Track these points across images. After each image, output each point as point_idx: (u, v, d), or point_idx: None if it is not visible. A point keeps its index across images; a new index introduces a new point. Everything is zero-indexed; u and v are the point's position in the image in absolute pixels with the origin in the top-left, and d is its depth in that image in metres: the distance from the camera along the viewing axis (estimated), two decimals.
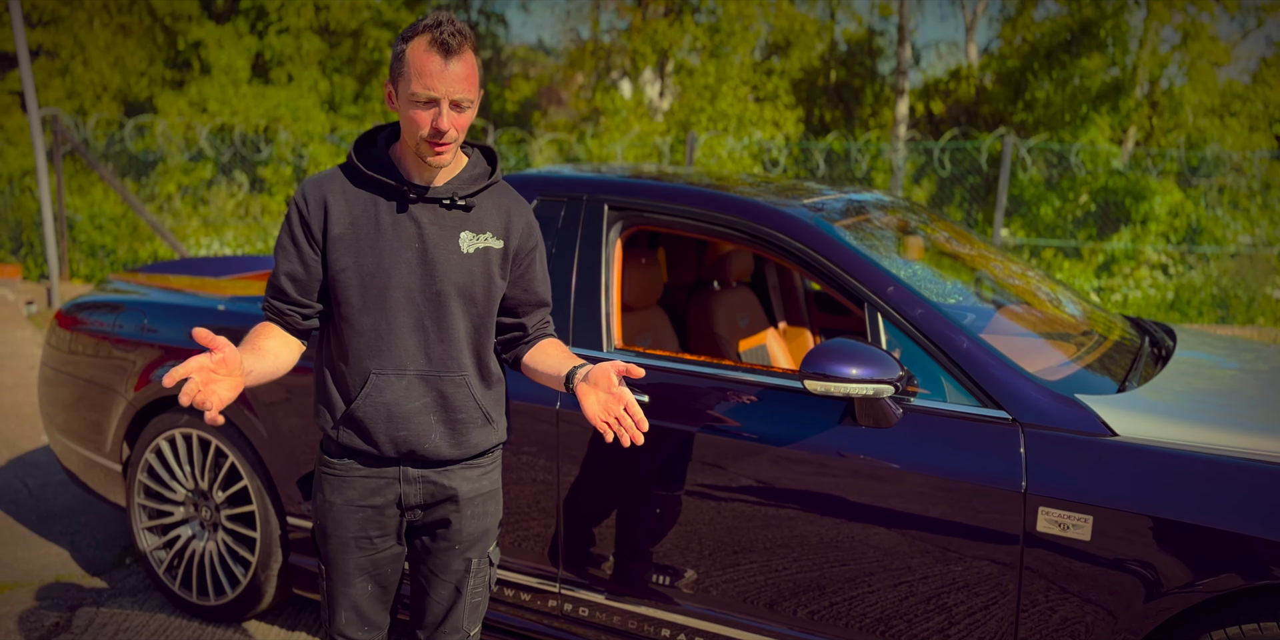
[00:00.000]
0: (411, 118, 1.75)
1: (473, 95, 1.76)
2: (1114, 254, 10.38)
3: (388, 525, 1.95)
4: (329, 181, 1.87)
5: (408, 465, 1.92)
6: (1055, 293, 3.10)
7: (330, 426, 1.91)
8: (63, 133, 9.24)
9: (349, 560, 1.96)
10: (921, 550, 2.20)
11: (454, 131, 1.75)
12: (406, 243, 1.83)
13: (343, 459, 1.92)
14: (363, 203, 1.84)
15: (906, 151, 12.32)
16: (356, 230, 1.83)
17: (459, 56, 1.72)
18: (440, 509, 1.96)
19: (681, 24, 13.94)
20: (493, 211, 1.91)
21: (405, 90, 1.74)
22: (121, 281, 3.74)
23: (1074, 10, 14.04)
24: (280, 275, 1.88)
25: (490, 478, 2.01)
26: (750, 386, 2.42)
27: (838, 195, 2.98)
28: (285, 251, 1.88)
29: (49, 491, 4.29)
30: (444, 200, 1.85)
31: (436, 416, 1.89)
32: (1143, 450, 2.05)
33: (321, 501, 1.95)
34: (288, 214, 1.88)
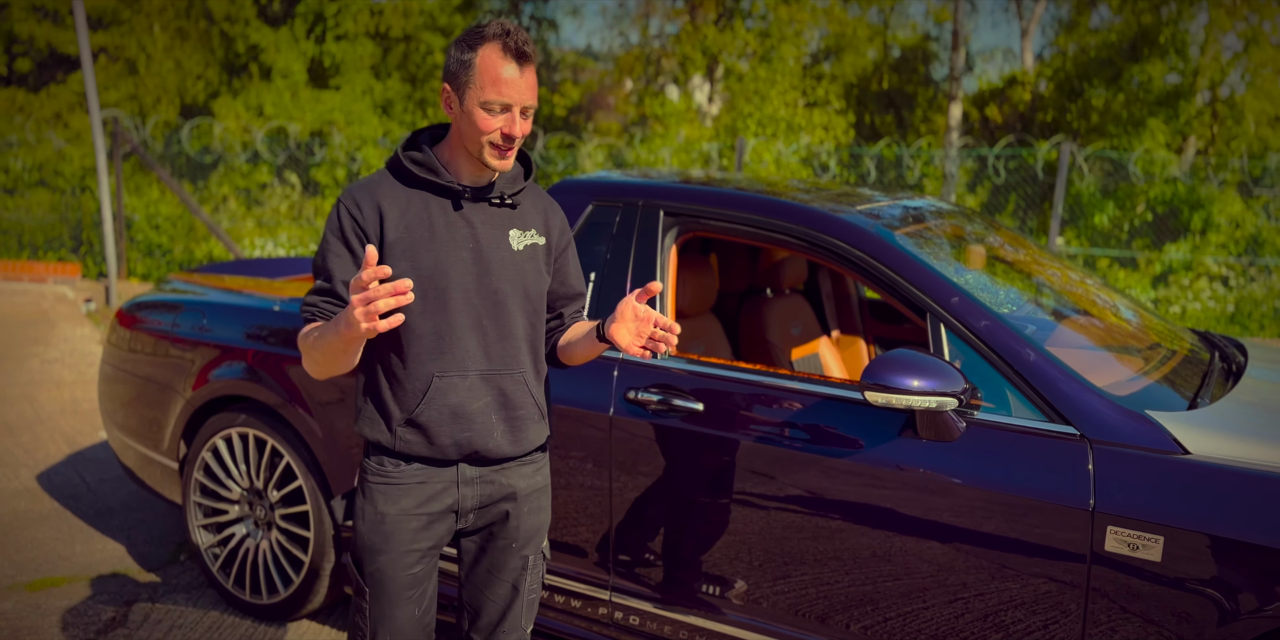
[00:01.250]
0: (479, 123, 1.77)
1: (536, 102, 1.82)
2: (1172, 265, 10.15)
3: (440, 534, 1.93)
4: (378, 186, 1.86)
5: (465, 465, 1.91)
6: (1118, 304, 3.03)
7: (386, 434, 1.89)
8: (123, 134, 9.44)
9: (398, 578, 1.91)
10: (980, 567, 2.15)
11: (520, 137, 1.79)
12: (461, 243, 1.84)
13: (399, 466, 1.90)
14: (415, 206, 1.84)
15: (960, 158, 12.16)
16: (411, 234, 1.83)
17: (531, 65, 1.78)
18: (496, 508, 1.96)
19: (732, 29, 13.90)
20: (532, 209, 1.96)
21: (475, 96, 1.76)
22: (180, 281, 3.80)
23: (1131, 17, 13.78)
24: (335, 282, 1.84)
25: (543, 473, 2.03)
26: (806, 396, 2.39)
27: (892, 202, 2.93)
28: (337, 257, 1.84)
29: (107, 487, 4.37)
30: (493, 199, 1.88)
31: (498, 415, 1.90)
32: (1217, 469, 1.99)
33: (372, 514, 1.90)
34: (336, 219, 1.85)
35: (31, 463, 4.63)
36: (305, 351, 1.83)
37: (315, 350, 1.78)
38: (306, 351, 1.82)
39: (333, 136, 12.39)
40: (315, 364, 1.82)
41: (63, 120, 14.17)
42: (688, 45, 13.98)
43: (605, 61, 20.22)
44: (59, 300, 8.47)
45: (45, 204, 10.38)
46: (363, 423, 1.93)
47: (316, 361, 1.81)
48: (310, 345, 1.80)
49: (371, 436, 1.91)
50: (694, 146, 12.30)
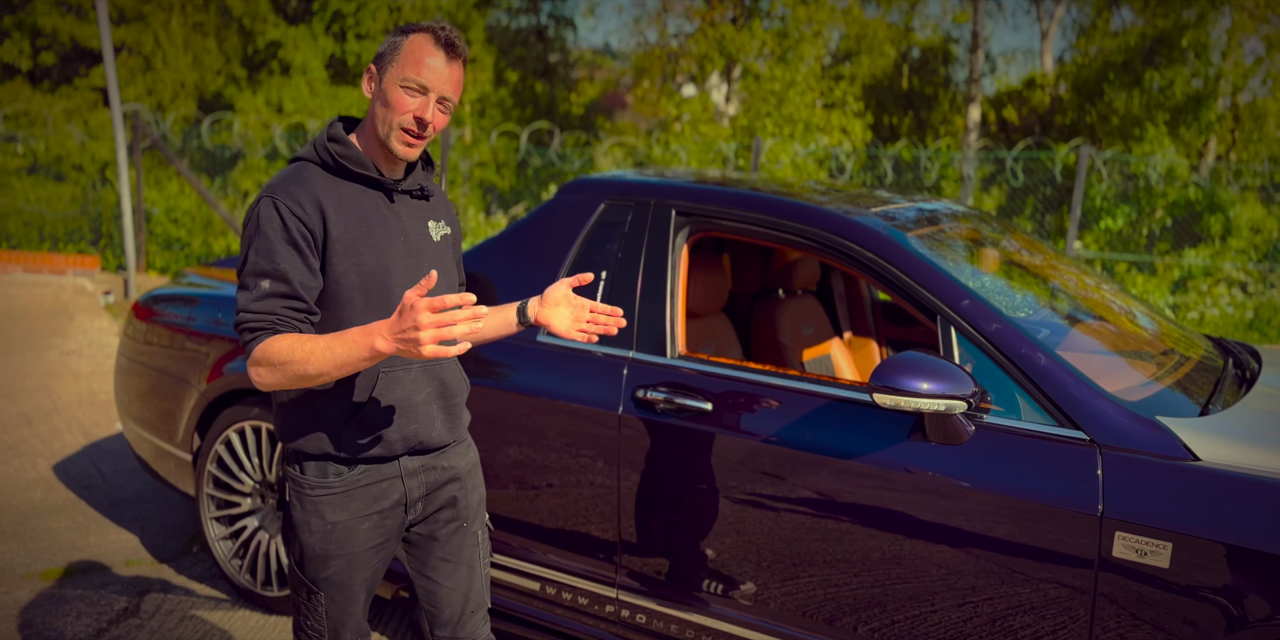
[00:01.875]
0: (394, 101, 1.75)
1: (457, 99, 1.81)
2: (1191, 270, 10.08)
3: (391, 528, 1.91)
4: (309, 182, 1.78)
5: (407, 457, 1.89)
6: (1133, 309, 3.01)
7: (328, 439, 1.81)
8: (143, 128, 9.51)
9: (356, 577, 1.88)
10: (988, 571, 2.15)
11: (432, 128, 1.78)
12: (395, 237, 1.84)
13: (343, 473, 1.83)
14: (348, 201, 1.80)
15: (977, 160, 12.11)
16: (351, 230, 1.78)
17: (458, 60, 1.78)
18: (442, 492, 1.96)
19: (750, 29, 13.88)
20: (439, 201, 1.99)
21: (397, 74, 1.75)
22: (197, 275, 3.83)
23: (1152, 20, 13.69)
24: (294, 284, 1.72)
25: (472, 449, 2.06)
26: (816, 397, 2.39)
27: (908, 204, 2.93)
28: (289, 259, 1.72)
29: (121, 478, 4.41)
30: (413, 191, 1.90)
31: (438, 404, 1.91)
32: (1227, 476, 1.98)
33: (320, 525, 1.83)
34: (278, 219, 1.73)
35: (48, 453, 4.68)
36: (294, 362, 1.65)
37: (315, 363, 1.64)
38: (297, 362, 1.65)
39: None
40: (299, 376, 1.66)
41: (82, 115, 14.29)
42: (705, 45, 13.97)
43: (623, 60, 20.23)
44: (78, 292, 8.54)
45: (66, 197, 10.47)
46: (296, 434, 1.83)
47: (306, 374, 1.65)
48: (307, 357, 1.64)
49: (311, 447, 1.82)
50: (710, 146, 12.29)
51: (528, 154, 11.89)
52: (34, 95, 15.03)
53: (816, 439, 2.34)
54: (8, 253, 9.07)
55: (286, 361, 1.66)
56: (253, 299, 1.73)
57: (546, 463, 2.67)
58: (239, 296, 1.75)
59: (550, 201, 2.89)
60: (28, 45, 15.50)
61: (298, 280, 1.73)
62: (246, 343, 1.73)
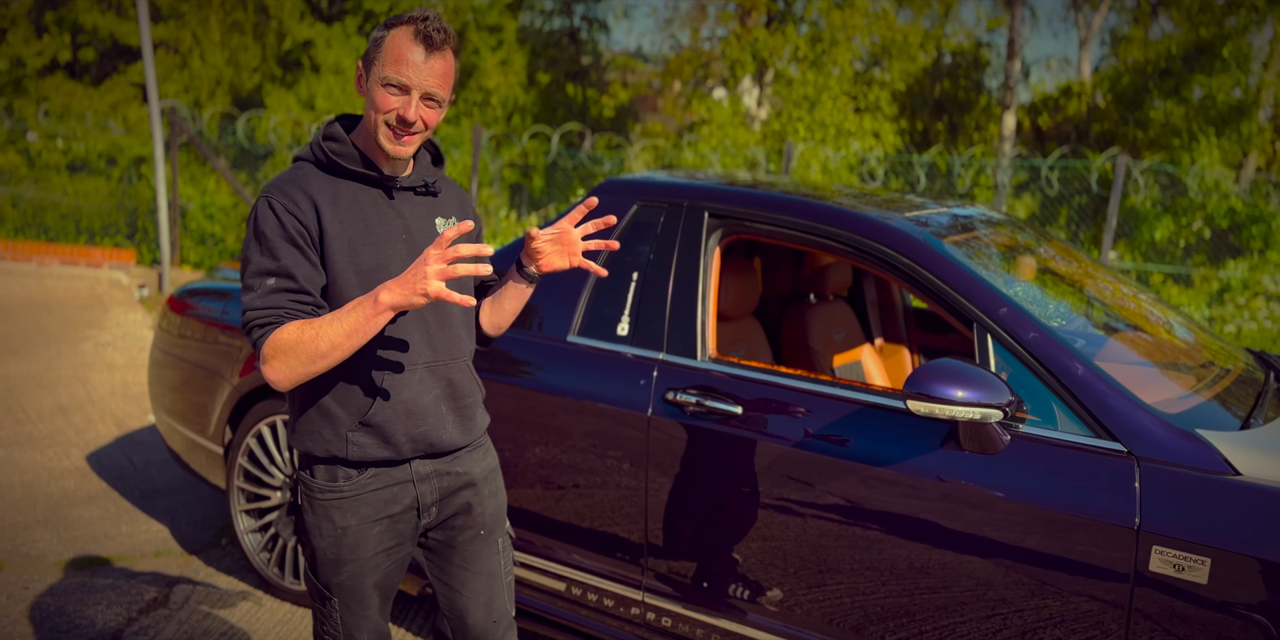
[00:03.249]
0: (377, 100, 1.72)
1: (446, 93, 1.75)
2: (1229, 282, 9.93)
3: (404, 533, 1.88)
4: (304, 181, 1.77)
5: (419, 460, 1.86)
6: (1171, 320, 2.97)
7: (337, 442, 1.80)
8: (180, 124, 9.62)
9: (367, 581, 1.86)
10: (1020, 583, 2.12)
11: (421, 124, 1.74)
12: (396, 234, 1.80)
13: (352, 477, 1.82)
14: (344, 199, 1.78)
15: (1012, 168, 12.00)
16: (347, 228, 1.76)
17: (440, 52, 1.72)
18: (457, 498, 1.92)
19: (783, 33, 13.84)
20: (449, 196, 1.94)
21: (378, 73, 1.72)
22: (231, 270, 3.86)
23: (1190, 29, 13.51)
24: (299, 279, 1.71)
25: (492, 453, 2.02)
26: (846, 403, 2.37)
27: (941, 210, 2.90)
28: (291, 256, 1.71)
29: (153, 469, 4.46)
30: (417, 188, 1.85)
31: (447, 405, 1.87)
32: (1268, 491, 1.94)
33: (331, 530, 1.82)
34: (274, 219, 1.71)
35: (82, 443, 4.73)
36: (303, 342, 1.65)
37: (325, 337, 1.64)
38: (306, 341, 1.65)
39: None
40: (311, 356, 1.65)
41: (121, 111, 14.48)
42: (737, 48, 13.95)
43: (656, 63, 20.23)
44: (113, 285, 8.66)
45: (103, 191, 10.61)
46: (305, 437, 1.82)
47: (319, 352, 1.65)
48: (315, 334, 1.64)
49: (319, 450, 1.81)
50: (741, 150, 12.26)
51: (558, 155, 11.92)
52: (75, 89, 15.26)
53: (847, 445, 2.32)
54: (45, 245, 9.20)
55: (296, 343, 1.65)
56: (258, 297, 1.71)
57: (574, 463, 2.67)
58: (244, 298, 1.73)
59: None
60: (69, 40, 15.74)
61: (301, 275, 1.72)
62: (255, 342, 1.71)
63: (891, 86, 14.94)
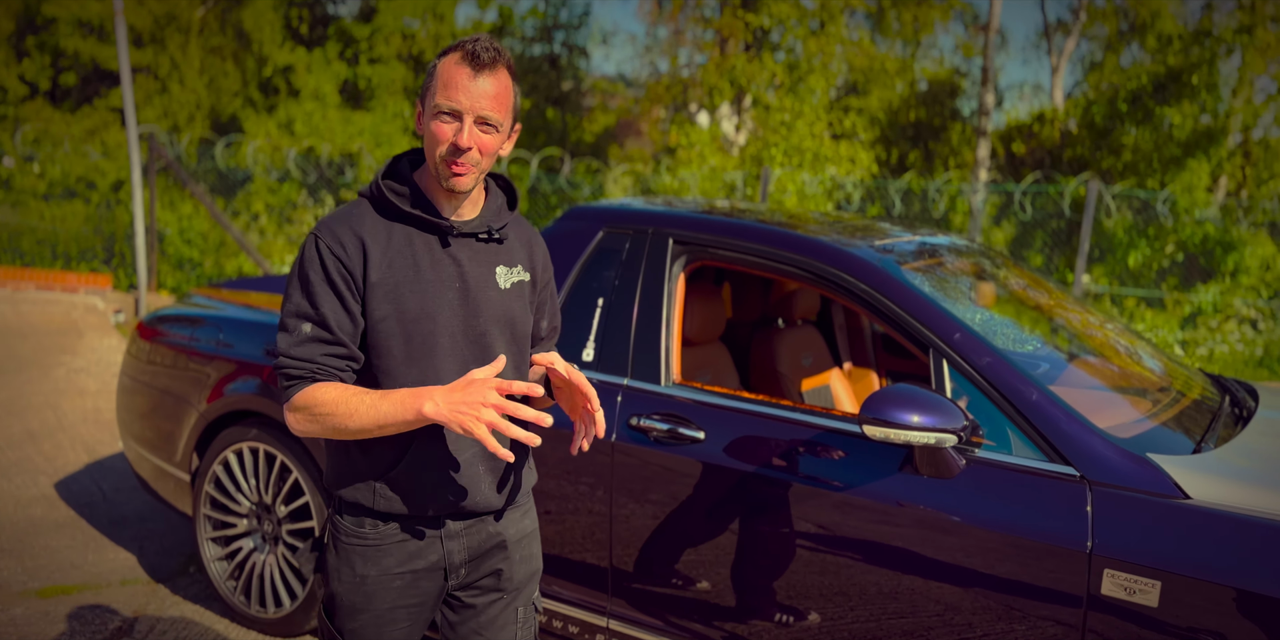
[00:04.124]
0: (433, 133, 1.62)
1: (502, 116, 1.63)
2: (1201, 306, 10.06)
3: (427, 592, 1.78)
4: (358, 219, 1.69)
5: (451, 521, 1.77)
6: (1133, 346, 3.01)
7: (364, 491, 1.73)
8: (158, 149, 9.62)
9: (383, 634, 1.77)
10: (982, 607, 2.14)
11: (476, 152, 1.62)
12: (448, 283, 1.70)
13: (378, 526, 1.74)
14: (396, 241, 1.68)
15: (986, 193, 12.14)
16: (395, 273, 1.67)
17: (490, 72, 1.61)
18: (487, 560, 1.81)
19: (760, 60, 14.01)
20: (517, 244, 1.82)
21: (430, 104, 1.63)
22: (202, 296, 3.86)
23: (1160, 57, 13.76)
24: (333, 329, 1.65)
25: (531, 516, 1.90)
26: (809, 428, 2.39)
27: (911, 237, 2.95)
28: (327, 301, 1.65)
29: (122, 497, 4.42)
30: (480, 234, 1.73)
31: (485, 466, 1.76)
32: (1216, 515, 1.97)
33: (350, 576, 1.74)
34: (317, 258, 1.66)
35: (51, 470, 4.70)
36: (336, 415, 1.62)
37: (358, 419, 1.60)
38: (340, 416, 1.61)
39: (363, 157, 12.57)
40: (336, 429, 1.63)
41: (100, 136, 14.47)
42: (715, 75, 14.10)
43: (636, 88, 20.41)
44: (89, 310, 8.61)
45: (80, 216, 10.58)
46: (337, 479, 1.76)
47: (346, 429, 1.62)
48: (351, 412, 1.60)
49: (348, 495, 1.75)
50: (719, 175, 12.36)
51: (537, 180, 11.98)
52: (54, 115, 15.25)
53: (809, 470, 2.34)
54: (21, 270, 9.16)
55: (330, 414, 1.62)
56: (293, 344, 1.66)
57: (538, 489, 2.67)
58: (279, 338, 1.68)
59: (549, 228, 2.92)
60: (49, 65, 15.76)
61: (336, 324, 1.65)
62: (285, 389, 1.67)
63: (869, 113, 15.13)
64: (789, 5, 13.90)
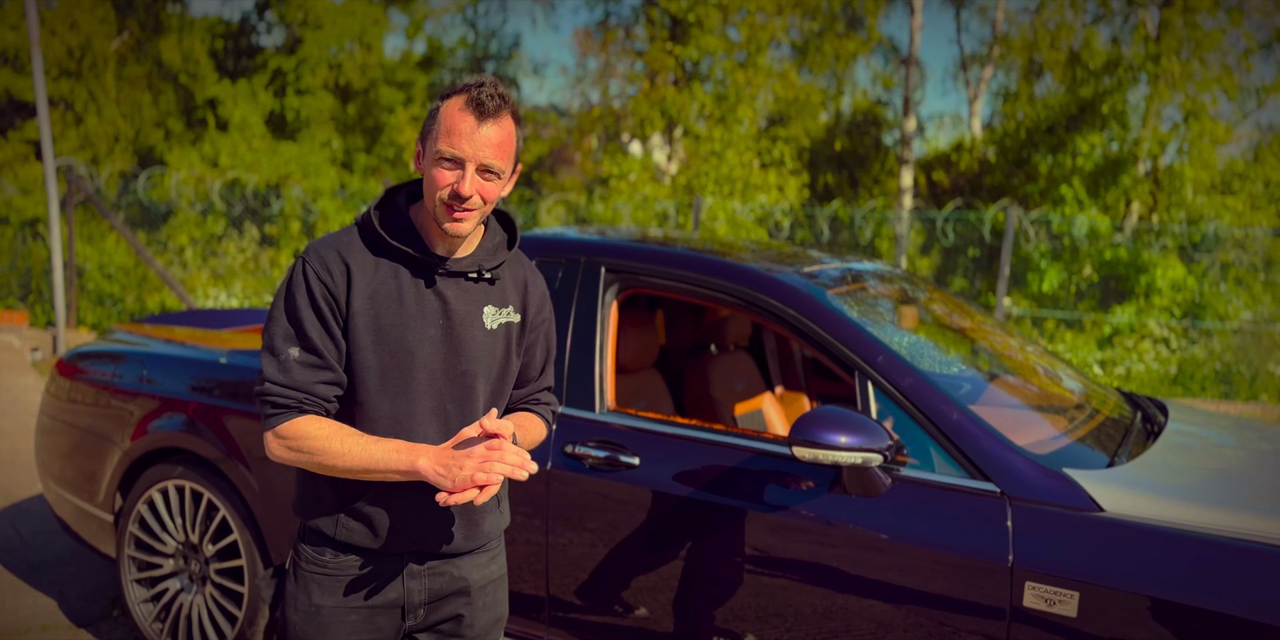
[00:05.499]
0: (433, 177, 1.62)
1: (504, 164, 1.63)
2: (1117, 327, 10.42)
3: (385, 629, 1.75)
4: (345, 246, 1.68)
5: (413, 560, 1.74)
6: (1051, 366, 3.13)
7: (327, 521, 1.71)
8: (77, 182, 9.40)
9: None
10: (914, 623, 2.19)
11: (478, 198, 1.62)
12: (431, 319, 1.68)
13: (338, 556, 1.72)
14: (383, 273, 1.67)
15: (911, 221, 12.46)
16: (377, 305, 1.66)
17: (495, 120, 1.60)
18: (448, 604, 1.78)
19: (690, 91, 14.24)
20: (511, 284, 1.79)
21: (432, 148, 1.62)
22: (124, 332, 3.78)
23: (1073, 88, 14.33)
24: (324, 355, 1.64)
25: (499, 562, 1.86)
26: (741, 451, 2.43)
27: (838, 264, 3.02)
28: (314, 326, 1.64)
29: (41, 540, 4.27)
30: (470, 274, 1.71)
31: (455, 507, 1.72)
32: (1128, 526, 2.05)
33: (306, 605, 1.72)
34: (304, 282, 1.65)
35: None
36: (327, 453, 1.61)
37: (348, 460, 1.60)
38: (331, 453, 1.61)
39: (290, 188, 12.42)
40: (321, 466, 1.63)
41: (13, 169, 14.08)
42: (646, 106, 14.29)
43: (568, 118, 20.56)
44: (4, 348, 8.33)
45: None
46: (302, 506, 1.75)
47: (333, 467, 1.62)
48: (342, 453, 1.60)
49: (311, 523, 1.73)
50: (652, 204, 12.49)
51: None
52: None
53: (743, 493, 2.38)
54: None
55: (320, 451, 1.62)
56: (280, 370, 1.64)
57: None
58: (264, 363, 1.66)
59: None
60: None
61: (324, 348, 1.64)
62: (270, 416, 1.65)
63: (795, 142, 15.45)
64: (716, 38, 14.18)
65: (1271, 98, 15.19)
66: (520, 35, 20.48)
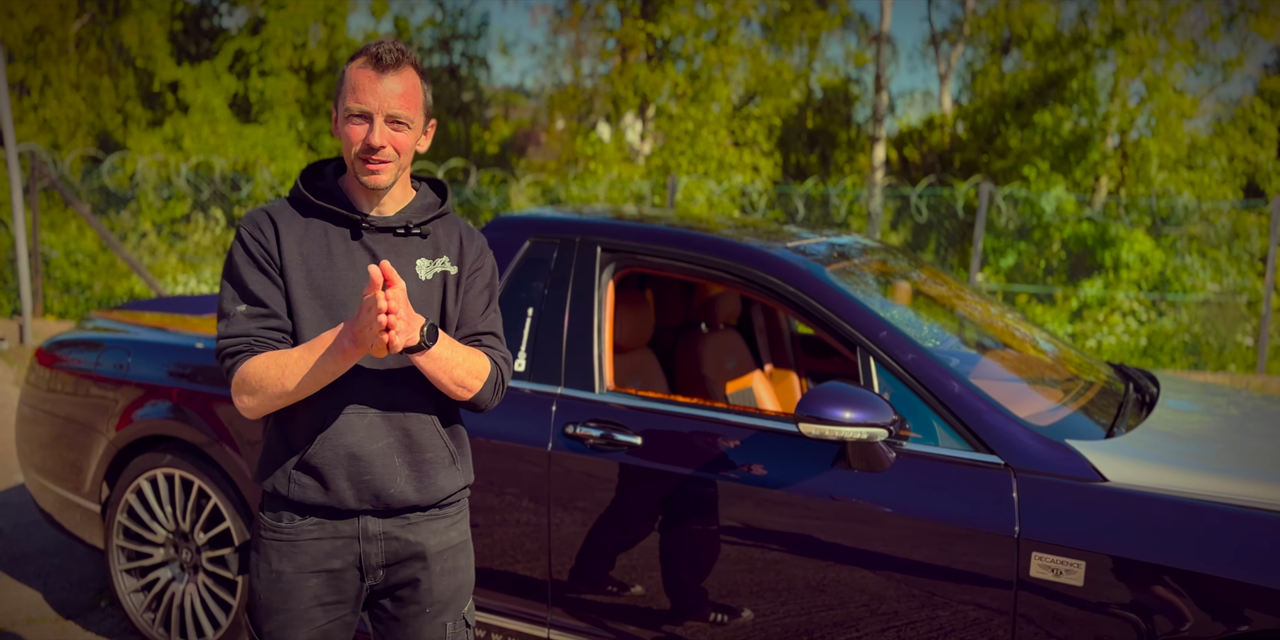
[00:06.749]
0: (347, 135, 1.70)
1: (412, 113, 1.71)
2: (1087, 301, 10.54)
3: (346, 591, 1.80)
4: (275, 211, 1.78)
5: (369, 517, 1.78)
6: (1037, 337, 3.15)
7: (281, 479, 1.77)
8: (40, 168, 9.20)
9: (299, 635, 1.78)
10: (912, 595, 2.20)
11: (390, 149, 1.69)
12: (361, 272, 1.75)
13: (294, 520, 1.78)
14: (313, 234, 1.76)
15: (884, 197, 12.50)
16: (308, 262, 1.74)
17: (396, 72, 1.69)
18: (406, 568, 1.81)
19: (662, 70, 14.16)
20: (445, 238, 1.85)
21: (342, 107, 1.71)
22: (102, 319, 3.71)
23: (1041, 63, 14.41)
24: (270, 305, 1.73)
25: (459, 528, 1.88)
26: (742, 429, 2.43)
27: (819, 239, 3.01)
28: (258, 281, 1.73)
29: (22, 532, 4.20)
30: (398, 229, 1.78)
31: (402, 458, 1.77)
32: (1133, 496, 2.08)
33: (267, 572, 1.77)
34: (242, 245, 1.75)
35: None
36: (270, 381, 1.68)
37: (292, 375, 1.66)
38: (273, 380, 1.68)
39: (259, 171, 12.23)
40: (280, 394, 1.69)
41: None
42: (619, 85, 14.20)
43: (537, 99, 20.38)
44: None
45: None
46: (260, 469, 1.82)
47: (287, 391, 1.68)
48: (282, 373, 1.67)
49: (267, 485, 1.80)
50: (626, 184, 12.43)
51: None
52: None
53: (745, 470, 2.37)
54: None
55: (263, 380, 1.69)
56: (228, 325, 1.74)
57: (474, 502, 2.64)
58: (218, 326, 1.76)
59: None
60: None
61: (267, 297, 1.73)
62: (228, 371, 1.73)
63: (767, 121, 15.43)
64: (687, 16, 14.09)
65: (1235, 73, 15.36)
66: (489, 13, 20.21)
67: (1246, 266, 11.06)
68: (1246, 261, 11.12)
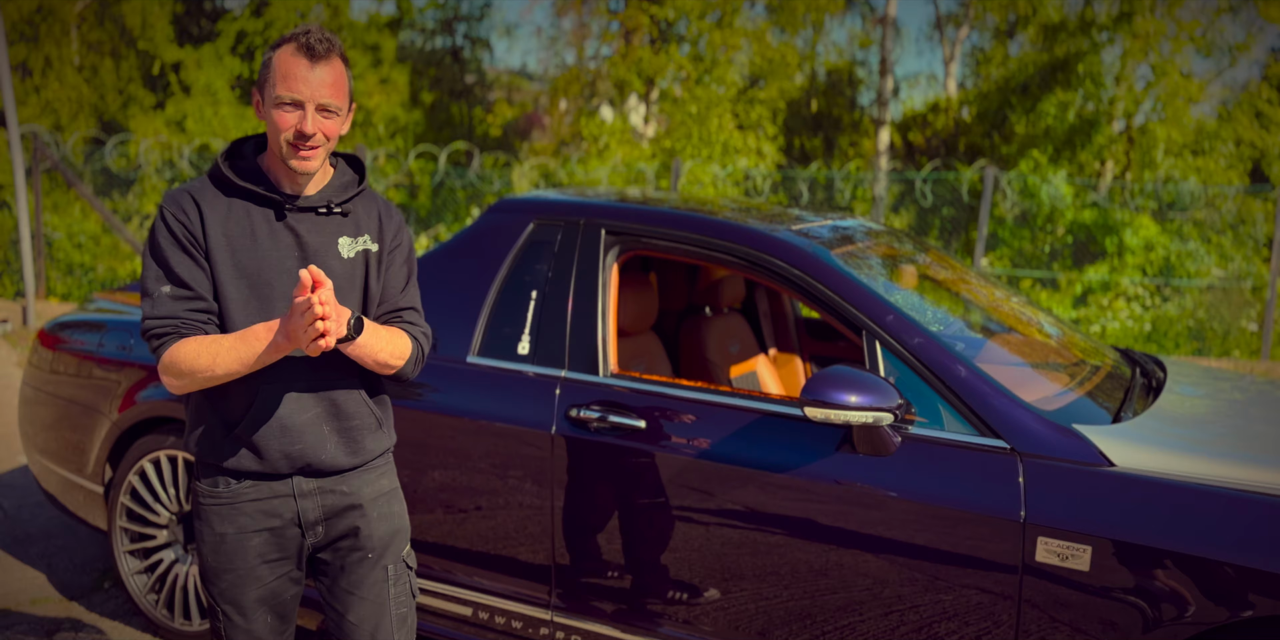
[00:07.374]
0: (275, 120, 1.74)
1: (340, 102, 1.77)
2: (1091, 285, 10.51)
3: (288, 547, 1.88)
4: (197, 191, 1.81)
5: (301, 477, 1.86)
6: (1043, 321, 3.13)
7: (215, 449, 1.83)
8: (42, 150, 9.17)
9: (248, 594, 1.87)
10: (915, 579, 2.20)
11: (321, 136, 1.75)
12: (286, 252, 1.80)
13: (230, 484, 1.84)
14: (236, 214, 1.80)
15: (888, 181, 12.44)
16: (232, 242, 1.78)
17: (325, 62, 1.74)
18: (344, 519, 1.90)
19: (667, 52, 14.08)
20: (365, 216, 1.90)
21: (271, 94, 1.75)
22: (105, 300, 3.70)
23: (1046, 47, 14.31)
24: (195, 287, 1.77)
25: (389, 477, 1.99)
26: (746, 413, 2.42)
27: (823, 222, 2.99)
28: (182, 263, 1.76)
29: (25, 513, 4.21)
30: (319, 208, 1.83)
31: (330, 426, 1.86)
32: (1140, 480, 2.07)
33: (211, 537, 1.85)
34: (164, 226, 1.78)
35: None
36: (200, 368, 1.73)
37: (223, 364, 1.71)
38: (203, 368, 1.72)
39: None
40: (209, 379, 1.74)
41: None
42: (623, 67, 14.11)
43: (540, 81, 20.28)
44: None
45: None
46: (192, 439, 1.87)
47: (215, 377, 1.73)
48: (212, 361, 1.72)
49: (201, 454, 1.86)
50: (630, 167, 12.39)
51: (446, 175, 11.81)
52: None
53: (749, 454, 2.37)
54: None
55: (194, 367, 1.74)
56: (153, 306, 1.78)
57: (476, 485, 2.64)
58: (143, 306, 1.79)
59: (477, 222, 2.88)
60: None
61: (192, 279, 1.77)
62: (155, 350, 1.77)
63: (772, 104, 15.35)
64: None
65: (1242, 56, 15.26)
66: None
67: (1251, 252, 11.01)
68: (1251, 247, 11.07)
